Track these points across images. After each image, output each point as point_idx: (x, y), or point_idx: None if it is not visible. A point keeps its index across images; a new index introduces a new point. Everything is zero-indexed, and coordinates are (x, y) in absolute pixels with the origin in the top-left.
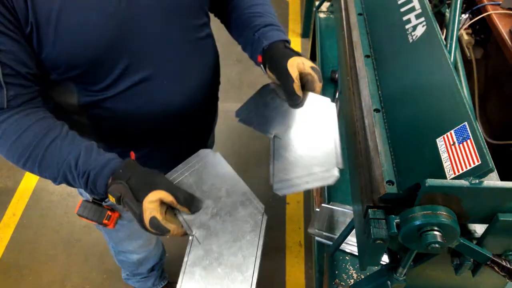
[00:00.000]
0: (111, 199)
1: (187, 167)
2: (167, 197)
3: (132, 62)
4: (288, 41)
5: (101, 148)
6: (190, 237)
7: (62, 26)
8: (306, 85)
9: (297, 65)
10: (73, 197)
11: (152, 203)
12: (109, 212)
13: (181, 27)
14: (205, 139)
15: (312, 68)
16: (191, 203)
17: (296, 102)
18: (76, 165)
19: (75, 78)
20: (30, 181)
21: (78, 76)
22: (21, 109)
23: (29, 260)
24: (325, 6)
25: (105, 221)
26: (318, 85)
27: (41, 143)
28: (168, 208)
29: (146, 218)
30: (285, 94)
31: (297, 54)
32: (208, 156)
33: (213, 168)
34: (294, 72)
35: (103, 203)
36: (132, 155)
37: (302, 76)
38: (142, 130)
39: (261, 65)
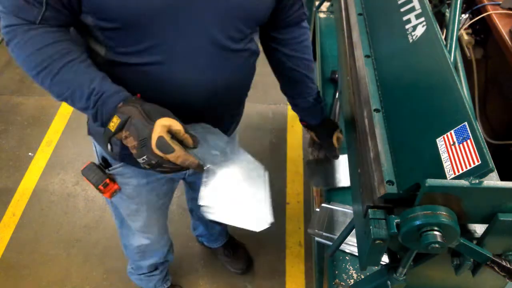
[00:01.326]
0: (113, 123)
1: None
2: (177, 124)
3: (165, 40)
4: (326, 115)
5: None
6: (205, 168)
7: None
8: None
9: (337, 139)
10: (74, 197)
11: (162, 126)
12: (107, 180)
13: (228, 32)
14: (227, 125)
15: (338, 138)
16: (195, 136)
17: (336, 158)
18: (90, 85)
19: (106, 32)
20: (30, 181)
21: (111, 30)
22: (49, 26)
23: (29, 260)
24: (325, 6)
25: (101, 187)
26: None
27: (61, 59)
28: (172, 137)
29: (154, 137)
30: (328, 154)
31: (336, 126)
32: (210, 128)
33: (215, 135)
34: (336, 144)
35: (106, 171)
36: (138, 95)
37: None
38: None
39: (304, 127)
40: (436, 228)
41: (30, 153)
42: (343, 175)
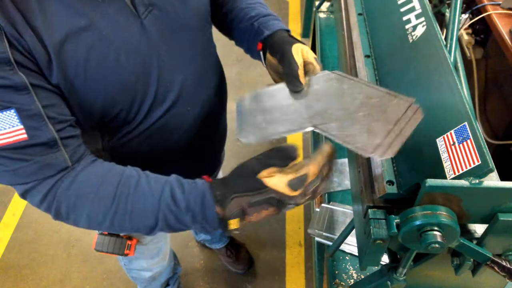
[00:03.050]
0: (233, 224)
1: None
2: (272, 171)
3: (158, 91)
4: (289, 31)
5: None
6: (316, 130)
7: (92, 78)
8: (307, 75)
9: (301, 52)
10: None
11: (272, 177)
12: (128, 242)
13: (195, 46)
14: (220, 151)
15: (315, 58)
16: (287, 151)
17: (297, 88)
18: (175, 202)
19: (105, 124)
20: None
21: (109, 123)
22: (84, 164)
23: (29, 260)
24: (325, 6)
25: (126, 251)
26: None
27: (125, 191)
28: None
29: (285, 190)
30: (287, 79)
31: (302, 42)
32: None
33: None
34: (299, 59)
35: (121, 233)
36: (207, 178)
37: (304, 65)
38: (165, 156)
39: (260, 52)
40: (436, 228)
41: None
42: (341, 179)
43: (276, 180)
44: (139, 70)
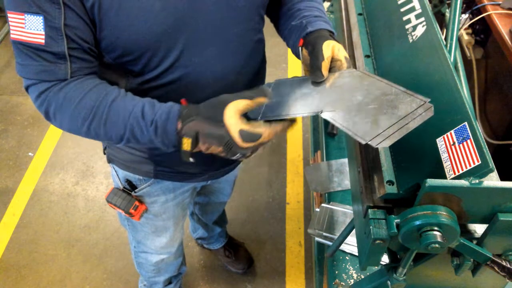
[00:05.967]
0: (186, 144)
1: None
2: (241, 103)
3: (183, 54)
4: (333, 33)
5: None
6: (322, 115)
7: (125, 11)
8: (332, 70)
9: (332, 48)
10: (73, 197)
11: (232, 118)
12: (136, 203)
13: (237, 26)
14: None
15: (345, 57)
16: (262, 91)
17: (318, 79)
18: (143, 115)
19: (127, 64)
20: (30, 181)
21: (129, 63)
22: (79, 76)
23: (29, 260)
24: (325, 6)
25: (132, 211)
26: None
27: (104, 101)
28: (248, 119)
29: (235, 133)
30: (311, 70)
31: (338, 42)
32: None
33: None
34: (326, 53)
35: (132, 193)
36: (183, 101)
37: (333, 61)
38: None
39: (300, 48)
40: (436, 228)
41: (30, 153)
42: (341, 179)
43: (234, 121)
44: (168, 24)
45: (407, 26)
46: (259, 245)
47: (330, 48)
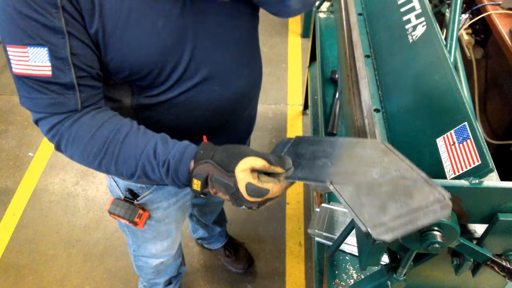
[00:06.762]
0: (195, 185)
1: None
2: (258, 162)
3: (189, 66)
4: None
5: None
6: (330, 186)
7: (128, 33)
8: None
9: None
10: (74, 197)
11: (244, 171)
12: (140, 211)
13: (235, 32)
14: (243, 140)
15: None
16: (283, 161)
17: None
18: (155, 155)
19: (134, 82)
20: (30, 181)
21: (138, 80)
22: (91, 109)
23: (29, 260)
24: (325, 6)
25: (136, 220)
26: None
27: (115, 138)
28: (260, 173)
29: (242, 186)
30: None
31: None
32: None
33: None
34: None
35: (135, 201)
36: (205, 138)
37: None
38: (187, 132)
39: None
40: (436, 228)
41: (30, 153)
42: None
43: (244, 174)
44: (173, 41)
45: (407, 26)
46: (259, 245)
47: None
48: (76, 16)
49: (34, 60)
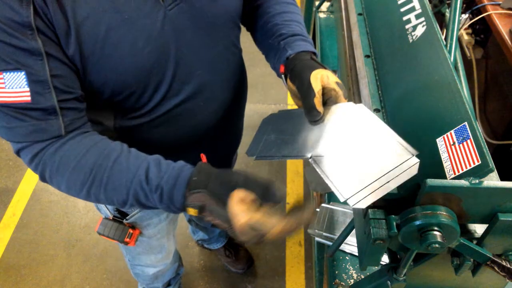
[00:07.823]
0: (192, 212)
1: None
2: (247, 196)
3: (173, 84)
4: (315, 53)
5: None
6: (310, 160)
7: (108, 56)
8: (328, 101)
9: (321, 78)
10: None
11: (237, 205)
12: (130, 230)
13: (218, 45)
14: (231, 153)
15: (337, 83)
16: (267, 195)
17: (315, 118)
18: (147, 179)
19: (116, 104)
20: (30, 181)
21: (120, 102)
22: (76, 133)
23: (29, 260)
24: (325, 6)
25: (127, 239)
26: (343, 101)
27: (104, 163)
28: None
29: (237, 225)
30: (304, 108)
31: (323, 67)
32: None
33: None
34: (316, 86)
35: (124, 221)
36: (203, 157)
37: (326, 92)
38: (172, 150)
39: (282, 76)
40: (436, 228)
41: None
42: None
43: (238, 211)
44: (155, 59)
45: (407, 26)
46: (259, 245)
47: (319, 79)
48: (53, 37)
49: (11, 86)
